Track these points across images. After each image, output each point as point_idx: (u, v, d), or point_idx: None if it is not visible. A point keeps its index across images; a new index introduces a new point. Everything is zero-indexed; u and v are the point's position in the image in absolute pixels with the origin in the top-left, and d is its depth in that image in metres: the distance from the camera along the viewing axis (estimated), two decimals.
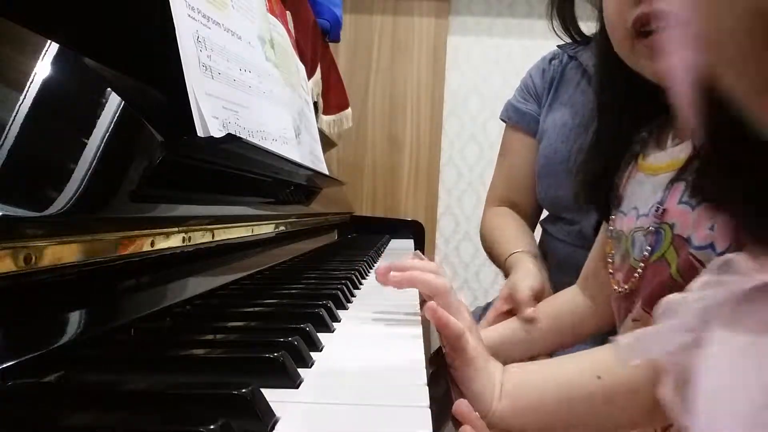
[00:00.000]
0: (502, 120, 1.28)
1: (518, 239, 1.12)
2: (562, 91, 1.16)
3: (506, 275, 1.06)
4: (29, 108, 0.36)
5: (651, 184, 0.66)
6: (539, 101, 1.21)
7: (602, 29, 0.70)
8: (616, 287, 0.70)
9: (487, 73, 2.73)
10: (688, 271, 0.60)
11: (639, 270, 0.66)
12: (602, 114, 0.73)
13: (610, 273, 0.71)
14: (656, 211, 0.64)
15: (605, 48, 0.69)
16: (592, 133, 0.75)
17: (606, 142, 0.73)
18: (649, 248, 0.65)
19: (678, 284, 0.61)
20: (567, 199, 1.04)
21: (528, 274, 0.96)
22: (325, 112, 1.79)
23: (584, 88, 1.12)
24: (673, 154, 0.65)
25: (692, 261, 0.59)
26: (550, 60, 1.20)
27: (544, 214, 1.26)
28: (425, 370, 0.43)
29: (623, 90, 0.69)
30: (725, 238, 0.55)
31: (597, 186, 0.74)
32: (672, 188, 0.63)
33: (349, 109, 1.97)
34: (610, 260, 0.71)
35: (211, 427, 0.27)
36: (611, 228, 0.72)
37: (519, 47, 2.68)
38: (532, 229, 1.24)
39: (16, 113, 0.35)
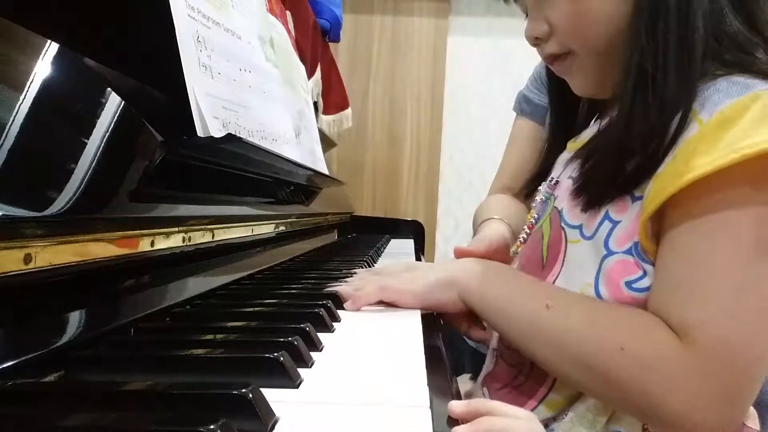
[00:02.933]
0: (515, 111, 1.26)
1: (499, 210, 1.03)
2: None
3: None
4: (29, 108, 0.36)
5: (566, 159, 0.69)
6: None
7: None
8: (513, 248, 0.75)
9: (487, 73, 2.73)
10: (555, 245, 0.62)
11: (524, 237, 0.71)
12: (553, 115, 0.77)
13: (521, 238, 0.75)
14: (550, 181, 0.68)
15: None
16: (548, 131, 0.79)
17: (554, 139, 0.76)
18: (536, 216, 0.69)
19: (545, 267, 0.64)
20: None
21: (491, 232, 0.90)
22: (325, 112, 1.79)
23: None
24: (591, 132, 0.67)
25: (561, 235, 0.62)
26: None
27: None
28: (425, 370, 0.43)
29: (566, 94, 0.71)
30: (591, 225, 0.58)
31: (538, 179, 0.77)
32: (570, 163, 0.65)
33: (349, 109, 1.97)
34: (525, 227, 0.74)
35: (211, 427, 0.27)
36: (536, 198, 0.75)
37: (519, 47, 2.67)
38: None
39: (16, 113, 0.35)
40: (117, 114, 0.44)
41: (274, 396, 0.33)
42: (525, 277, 0.64)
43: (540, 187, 0.74)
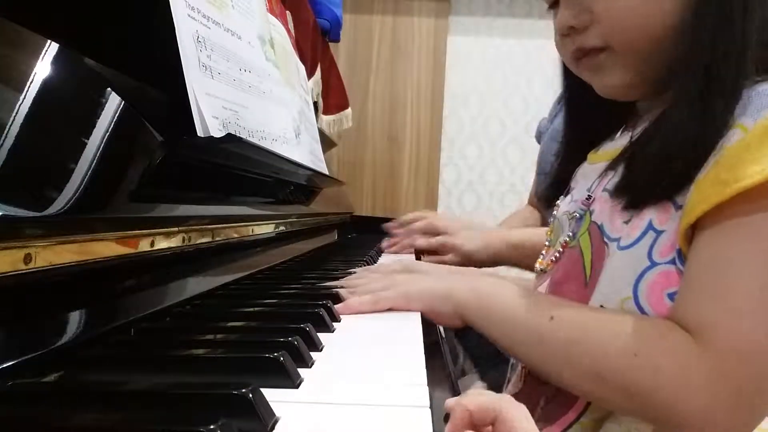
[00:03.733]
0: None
1: (506, 224, 1.44)
2: None
3: None
4: (29, 108, 0.36)
5: (591, 172, 0.67)
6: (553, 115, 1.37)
7: None
8: (537, 266, 0.72)
9: (487, 73, 2.73)
10: (598, 261, 0.60)
11: (557, 254, 0.68)
12: (569, 122, 0.76)
13: (542, 254, 0.73)
14: (586, 198, 0.66)
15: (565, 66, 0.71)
16: (561, 141, 0.78)
17: (571, 148, 0.75)
18: (571, 234, 0.66)
19: (588, 284, 0.61)
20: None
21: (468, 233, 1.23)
22: (325, 112, 1.79)
23: None
24: (618, 144, 0.65)
25: (604, 250, 0.60)
26: None
27: None
28: (425, 370, 0.43)
29: (585, 100, 0.70)
30: (632, 235, 0.56)
31: (557, 188, 0.76)
32: (604, 176, 0.63)
33: (349, 109, 1.97)
34: (547, 243, 0.72)
35: (211, 427, 0.27)
36: (554, 213, 0.73)
37: (519, 47, 2.68)
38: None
39: (16, 113, 0.35)
40: (117, 114, 0.44)
41: (274, 396, 0.33)
42: (524, 289, 0.63)
43: (559, 202, 0.73)
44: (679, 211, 0.53)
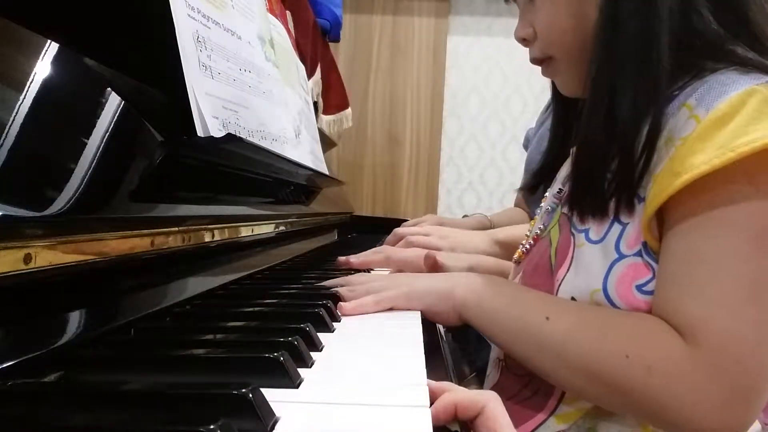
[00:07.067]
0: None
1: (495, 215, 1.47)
2: None
3: None
4: (29, 108, 0.36)
5: (569, 165, 0.69)
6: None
7: None
8: (515, 256, 0.74)
9: (487, 73, 2.73)
10: (563, 250, 0.62)
11: (528, 246, 0.70)
12: (555, 115, 0.78)
13: (521, 245, 0.74)
14: (558, 191, 0.68)
15: None
16: (549, 137, 0.80)
17: (557, 140, 0.76)
18: (542, 226, 0.69)
19: (550, 268, 0.63)
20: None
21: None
22: (325, 112, 1.79)
23: None
24: None
25: (570, 240, 0.61)
26: None
27: None
28: (425, 370, 0.43)
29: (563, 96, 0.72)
30: (600, 229, 0.57)
31: (540, 176, 0.78)
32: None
33: (349, 109, 1.97)
34: (527, 234, 0.74)
35: (211, 427, 0.27)
36: (541, 204, 0.75)
37: (519, 47, 2.67)
38: None
39: (16, 113, 0.35)
40: (117, 114, 0.45)
41: (274, 396, 0.33)
42: (522, 289, 0.64)
43: (547, 194, 0.74)
44: (642, 204, 0.54)
